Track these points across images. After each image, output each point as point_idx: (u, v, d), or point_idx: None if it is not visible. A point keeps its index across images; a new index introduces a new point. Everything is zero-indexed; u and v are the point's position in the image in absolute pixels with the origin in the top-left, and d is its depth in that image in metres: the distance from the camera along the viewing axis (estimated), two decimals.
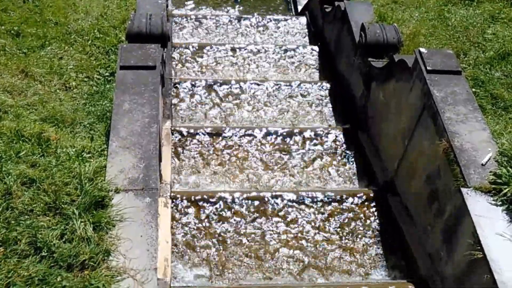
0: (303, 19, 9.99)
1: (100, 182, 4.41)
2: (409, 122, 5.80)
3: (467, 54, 6.68)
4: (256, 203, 5.86)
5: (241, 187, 6.29)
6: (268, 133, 6.89)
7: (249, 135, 6.83)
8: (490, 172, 4.70)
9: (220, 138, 6.76)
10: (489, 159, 4.81)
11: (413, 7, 8.74)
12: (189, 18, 9.77)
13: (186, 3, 12.00)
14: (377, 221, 5.88)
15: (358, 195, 6.06)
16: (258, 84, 7.80)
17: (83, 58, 7.09)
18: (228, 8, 11.89)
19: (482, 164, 4.78)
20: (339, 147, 6.86)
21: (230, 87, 7.68)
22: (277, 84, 7.85)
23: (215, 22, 9.72)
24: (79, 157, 4.77)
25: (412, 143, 5.72)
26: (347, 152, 6.82)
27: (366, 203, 6.01)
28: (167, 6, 8.03)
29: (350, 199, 6.00)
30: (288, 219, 5.79)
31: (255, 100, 7.61)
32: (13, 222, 3.91)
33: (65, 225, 4.00)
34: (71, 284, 3.62)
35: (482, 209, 4.46)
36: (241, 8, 11.97)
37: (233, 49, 8.65)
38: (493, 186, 4.59)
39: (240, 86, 7.73)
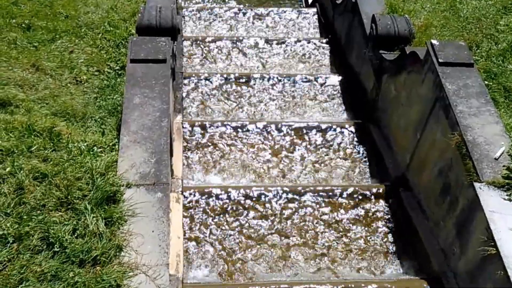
0: (314, 11, 9.91)
1: (112, 177, 4.42)
2: (420, 115, 5.76)
3: (480, 46, 6.62)
4: (268, 197, 5.84)
5: (253, 180, 6.27)
6: (277, 127, 6.85)
7: (260, 128, 6.80)
8: (504, 166, 4.66)
9: (232, 131, 6.74)
10: (502, 153, 4.77)
11: None
12: (200, 11, 9.73)
13: None
14: (390, 216, 5.85)
15: (370, 190, 6.02)
16: (264, 77, 7.76)
17: (93, 52, 7.08)
18: (238, 1, 11.83)
19: (495, 158, 4.74)
20: (350, 140, 6.82)
21: (239, 80, 7.65)
22: (286, 77, 7.81)
23: (226, 14, 9.67)
24: (90, 151, 4.78)
25: (424, 136, 5.68)
26: (358, 145, 6.77)
27: (378, 198, 5.98)
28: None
29: (362, 194, 5.97)
30: (299, 214, 5.77)
31: (264, 93, 7.58)
32: (25, 217, 3.93)
33: (77, 220, 4.02)
34: (83, 280, 3.64)
35: (495, 204, 4.42)
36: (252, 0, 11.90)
37: (242, 41, 8.61)
38: (507, 181, 4.56)
39: (249, 79, 7.70)
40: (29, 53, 6.44)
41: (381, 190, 6.04)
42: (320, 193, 5.94)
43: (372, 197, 5.98)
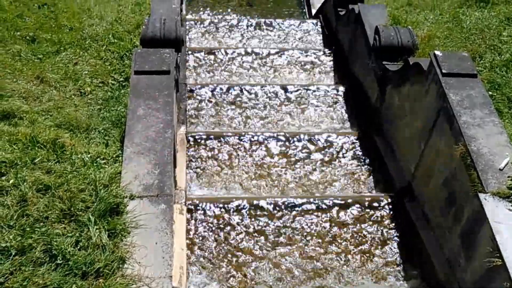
0: (317, 23, 9.95)
1: (115, 189, 4.42)
2: (425, 125, 5.74)
3: (483, 57, 6.61)
4: (271, 208, 5.83)
5: (258, 191, 6.26)
6: (283, 138, 6.84)
7: (265, 139, 6.80)
8: (508, 177, 4.63)
9: (235, 141, 6.74)
10: (507, 163, 4.74)
11: (427, 10, 8.68)
12: (203, 22, 9.77)
13: (200, 8, 12.03)
14: (395, 226, 5.82)
15: (375, 200, 6.00)
16: (271, 87, 7.77)
17: (97, 63, 7.11)
18: (242, 12, 11.89)
19: (499, 169, 4.71)
20: (354, 150, 6.81)
21: (243, 91, 7.66)
22: (291, 88, 7.81)
23: (229, 26, 9.71)
24: (94, 163, 4.78)
25: (428, 147, 5.66)
26: (363, 155, 6.76)
27: (383, 209, 5.95)
28: (181, 11, 8.04)
29: (367, 204, 5.95)
30: (305, 225, 5.74)
31: (268, 103, 7.58)
32: (28, 229, 3.92)
33: (80, 232, 4.01)
34: None
35: (500, 215, 4.39)
36: (255, 12, 11.96)
37: (247, 53, 8.63)
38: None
39: (254, 90, 7.71)
40: (33, 65, 6.47)
41: (386, 200, 6.02)
42: (324, 204, 5.92)
43: (377, 207, 5.96)
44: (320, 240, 5.62)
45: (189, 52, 8.52)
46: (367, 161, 6.72)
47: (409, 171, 6.12)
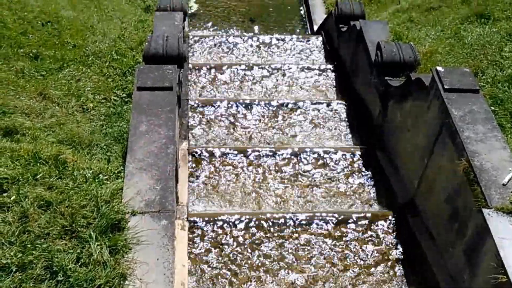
0: (319, 39, 9.99)
1: (117, 205, 4.41)
2: (427, 141, 5.73)
3: (485, 73, 6.61)
4: (276, 225, 5.81)
5: (258, 207, 6.24)
6: (285, 154, 6.84)
7: (267, 155, 6.79)
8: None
9: (238, 157, 6.73)
10: (510, 178, 4.72)
11: (429, 26, 8.70)
12: (206, 38, 9.82)
13: (203, 24, 12.11)
14: (398, 242, 5.79)
15: (377, 216, 5.98)
16: (270, 103, 7.79)
17: (100, 80, 7.13)
18: (244, 28, 11.96)
19: (503, 184, 4.70)
20: (357, 166, 6.79)
21: (245, 106, 7.68)
22: (293, 103, 7.82)
23: (231, 42, 9.75)
24: (95, 179, 4.77)
25: (431, 162, 5.65)
26: (366, 171, 6.75)
27: (386, 225, 5.93)
28: (183, 28, 8.09)
29: (370, 220, 5.92)
30: (307, 241, 5.72)
31: (269, 119, 7.58)
32: (29, 245, 3.90)
33: (81, 248, 3.99)
34: None
35: (504, 231, 4.37)
36: (257, 28, 12.04)
37: (250, 68, 8.66)
38: None
39: (255, 105, 7.72)
40: (36, 82, 6.49)
41: (388, 216, 6.00)
42: (327, 219, 5.89)
43: (380, 223, 5.94)
44: (322, 256, 5.59)
45: (191, 68, 8.55)
46: (370, 176, 6.70)
47: (412, 186, 6.10)
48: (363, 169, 6.78)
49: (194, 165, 6.59)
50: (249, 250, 5.58)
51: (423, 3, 9.90)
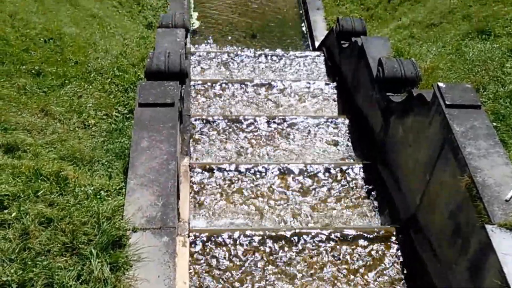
0: (321, 55, 10.02)
1: (118, 221, 4.39)
2: (429, 156, 5.72)
3: (486, 88, 6.61)
4: (277, 241, 5.77)
5: (260, 224, 6.21)
6: (286, 170, 6.83)
7: (267, 171, 6.77)
8: None
9: (239, 173, 6.72)
10: None
11: (430, 42, 8.73)
12: (208, 54, 9.85)
13: (204, 40, 12.17)
14: (400, 258, 5.76)
15: (380, 232, 5.95)
16: (274, 120, 7.79)
17: (102, 96, 7.15)
18: (246, 44, 12.02)
19: (506, 200, 4.67)
20: (359, 182, 6.77)
21: (247, 122, 7.68)
22: (294, 118, 7.83)
23: (232, 58, 9.79)
24: (97, 195, 4.76)
25: (433, 178, 5.63)
26: (368, 187, 6.73)
27: (388, 240, 5.89)
28: (185, 44, 8.12)
29: (372, 236, 5.89)
30: (313, 257, 5.69)
31: (272, 135, 7.58)
32: (30, 263, 3.88)
33: (82, 265, 3.96)
34: None
35: (508, 247, 4.34)
36: (259, 44, 12.09)
37: (250, 84, 8.68)
38: None
39: (257, 121, 7.72)
40: (38, 99, 6.50)
41: (391, 232, 5.96)
42: (329, 235, 5.86)
43: (382, 238, 5.90)
44: (323, 271, 5.55)
45: (193, 84, 8.57)
46: (372, 192, 6.68)
47: (414, 202, 6.07)
48: (365, 184, 6.75)
49: (196, 181, 6.57)
50: (252, 266, 5.55)
51: (424, 19, 9.95)
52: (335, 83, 8.89)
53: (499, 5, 8.59)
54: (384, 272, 5.64)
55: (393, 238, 5.92)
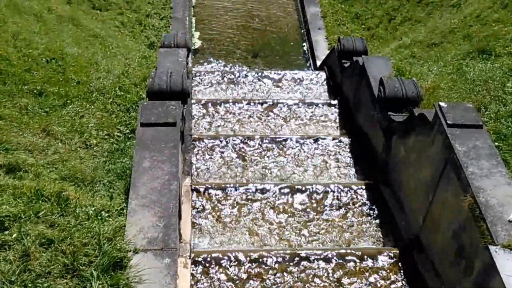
0: (322, 74, 10.05)
1: (119, 242, 4.37)
2: (432, 176, 5.71)
3: (488, 108, 6.61)
4: (280, 262, 5.74)
5: (262, 245, 6.18)
6: (288, 189, 6.80)
7: (268, 191, 6.75)
8: None
9: (240, 192, 6.70)
10: None
11: (431, 62, 8.76)
12: (209, 74, 9.87)
13: (206, 60, 12.22)
14: (404, 279, 5.71)
15: (382, 253, 5.91)
16: (275, 140, 7.78)
17: (104, 116, 7.15)
18: (247, 63, 12.06)
19: (509, 221, 4.65)
20: (361, 202, 6.75)
21: (247, 142, 7.68)
22: (295, 138, 7.82)
23: (234, 78, 9.81)
24: (98, 216, 4.74)
25: (436, 198, 5.61)
26: (371, 207, 6.70)
27: (392, 261, 5.85)
28: (187, 64, 8.15)
29: (375, 257, 5.85)
30: (313, 278, 5.64)
31: (273, 155, 7.57)
32: (30, 285, 3.86)
33: (82, 287, 3.93)
34: None
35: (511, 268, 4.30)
36: (260, 63, 12.14)
37: (251, 103, 8.69)
38: None
39: (257, 141, 7.72)
40: (40, 119, 6.50)
41: (394, 253, 5.92)
42: (331, 257, 5.82)
43: (385, 259, 5.86)
44: None
45: (194, 103, 8.59)
46: (374, 212, 6.65)
47: (417, 222, 6.04)
48: (367, 205, 6.73)
49: (197, 201, 6.55)
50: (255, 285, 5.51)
51: (425, 39, 10.00)
52: (336, 102, 8.90)
53: (499, 25, 8.63)
54: None
55: (396, 259, 5.88)
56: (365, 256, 5.86)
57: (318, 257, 5.82)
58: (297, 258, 5.79)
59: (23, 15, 8.86)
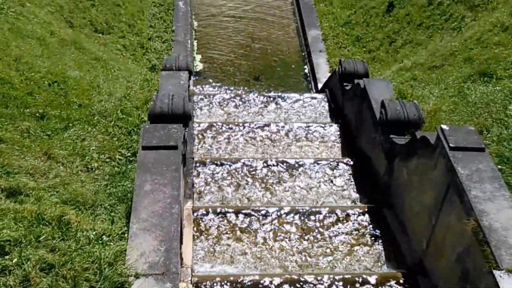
0: (323, 97, 10.07)
1: (120, 267, 4.34)
2: (435, 199, 5.68)
3: (490, 131, 6.60)
4: (281, 286, 5.69)
5: (263, 267, 6.13)
6: (289, 212, 6.77)
7: (269, 214, 6.72)
8: None
9: (241, 216, 6.67)
10: None
11: (432, 84, 8.78)
12: (211, 97, 9.90)
13: (207, 83, 12.27)
14: None
15: (386, 278, 5.85)
16: (279, 162, 7.77)
17: (105, 139, 7.14)
18: (249, 86, 12.11)
19: None
20: (363, 225, 6.70)
21: (248, 166, 7.67)
22: (299, 162, 7.81)
23: (236, 101, 9.83)
24: (99, 240, 4.71)
25: (439, 221, 5.57)
26: (373, 231, 6.65)
27: (395, 286, 5.79)
28: (189, 86, 8.17)
29: (378, 282, 5.79)
30: None
31: (275, 178, 7.55)
32: None
33: None
34: None
35: None
36: (262, 86, 12.19)
37: (259, 128, 8.70)
38: None
39: (258, 165, 7.71)
40: (41, 142, 6.50)
41: (398, 277, 5.86)
42: (332, 280, 5.77)
43: (389, 284, 5.80)
44: None
45: (196, 126, 8.60)
46: (377, 236, 6.60)
47: (420, 246, 6.00)
48: (369, 228, 6.68)
49: (199, 224, 6.51)
50: None
51: (426, 61, 10.04)
52: (338, 125, 8.90)
53: (500, 48, 8.66)
54: None
55: (399, 283, 5.82)
56: (367, 280, 5.79)
57: (320, 281, 5.76)
58: (298, 284, 5.72)
59: (26, 38, 8.91)
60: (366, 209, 6.92)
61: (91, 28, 12.21)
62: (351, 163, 7.88)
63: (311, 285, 5.73)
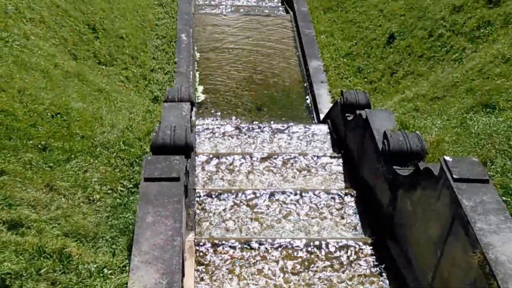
0: (325, 128, 10.08)
1: None
2: (439, 231, 5.63)
3: (494, 162, 6.56)
4: None
5: None
6: (291, 244, 6.71)
7: (277, 246, 6.66)
8: None
9: (245, 248, 6.62)
10: None
11: (434, 115, 8.78)
12: (213, 129, 9.91)
13: (210, 114, 12.31)
14: None
15: None
16: (281, 193, 7.73)
17: (107, 170, 7.13)
18: (251, 117, 12.14)
19: None
20: (367, 258, 6.63)
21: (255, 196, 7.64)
22: (301, 194, 7.77)
23: (238, 132, 9.84)
24: (100, 273, 4.67)
25: (445, 254, 5.51)
26: (377, 263, 6.57)
27: None
28: (191, 118, 8.19)
29: None
30: None
31: (277, 210, 7.51)
32: None
33: None
34: None
35: None
36: (264, 117, 12.22)
37: (256, 159, 8.69)
38: None
39: (261, 196, 7.68)
40: (43, 173, 6.48)
41: None
42: None
43: None
44: None
45: (197, 157, 8.59)
46: (382, 269, 6.52)
47: (426, 279, 5.92)
48: (374, 261, 6.60)
49: (201, 257, 6.46)
50: None
51: (428, 92, 10.06)
52: (340, 156, 8.88)
53: (501, 79, 8.69)
54: None
55: None
56: None
57: None
58: None
59: (30, 71, 8.96)
60: (369, 241, 6.85)
61: (94, 60, 12.30)
62: (354, 193, 7.83)
63: None
